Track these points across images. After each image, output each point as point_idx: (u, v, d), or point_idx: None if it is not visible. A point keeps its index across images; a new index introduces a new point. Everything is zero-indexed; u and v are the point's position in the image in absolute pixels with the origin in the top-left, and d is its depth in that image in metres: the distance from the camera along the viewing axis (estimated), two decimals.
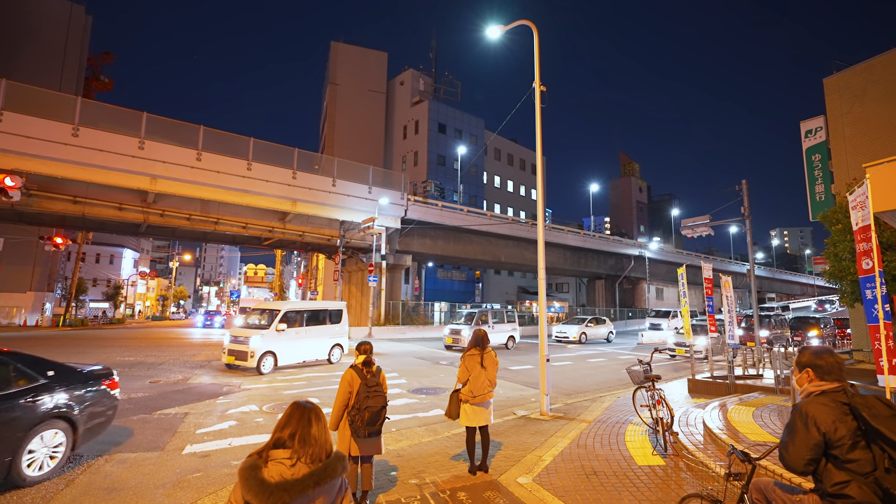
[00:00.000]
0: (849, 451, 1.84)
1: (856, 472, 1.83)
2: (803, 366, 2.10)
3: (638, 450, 5.28)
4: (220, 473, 4.66)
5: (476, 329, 4.78)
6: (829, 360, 2.04)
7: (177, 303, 75.39)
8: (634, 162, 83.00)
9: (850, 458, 1.84)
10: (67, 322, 32.61)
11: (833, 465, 1.89)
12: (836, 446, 1.87)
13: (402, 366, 13.05)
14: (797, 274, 69.99)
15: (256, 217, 22.83)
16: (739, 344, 10.36)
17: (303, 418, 1.65)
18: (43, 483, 4.28)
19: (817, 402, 1.96)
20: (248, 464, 1.53)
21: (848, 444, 1.85)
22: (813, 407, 1.94)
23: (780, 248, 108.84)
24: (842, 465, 1.86)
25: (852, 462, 1.84)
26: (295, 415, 1.67)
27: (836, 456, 1.87)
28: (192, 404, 7.75)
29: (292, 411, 1.69)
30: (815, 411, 1.92)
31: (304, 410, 1.68)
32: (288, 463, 1.55)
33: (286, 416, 1.68)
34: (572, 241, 35.69)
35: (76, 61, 36.51)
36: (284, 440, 1.60)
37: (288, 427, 1.63)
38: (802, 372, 2.10)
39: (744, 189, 12.00)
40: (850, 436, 1.85)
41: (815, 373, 2.05)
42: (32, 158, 16.79)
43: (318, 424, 1.66)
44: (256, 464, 1.53)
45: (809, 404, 1.97)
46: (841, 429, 1.86)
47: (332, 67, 46.00)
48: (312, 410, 1.70)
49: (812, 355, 2.09)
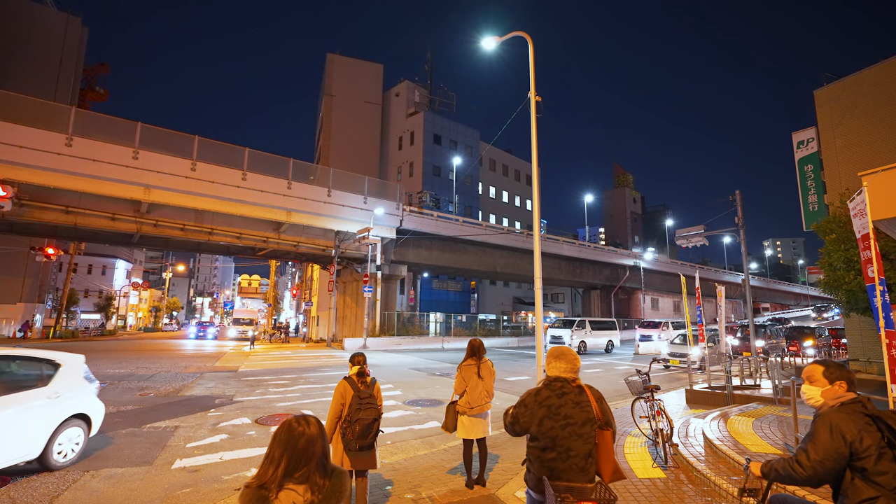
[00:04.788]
0: (876, 463, 1.81)
1: (885, 487, 1.78)
2: (837, 378, 2.06)
3: (638, 462, 5.19)
4: (210, 489, 4.52)
5: (472, 339, 4.73)
6: (853, 375, 2.08)
7: (170, 314, 74.58)
8: (628, 173, 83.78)
9: (878, 471, 1.80)
10: (58, 334, 32.12)
11: (860, 479, 1.84)
12: (861, 457, 1.83)
13: (397, 377, 12.90)
14: (791, 284, 70.50)
15: (251, 227, 22.72)
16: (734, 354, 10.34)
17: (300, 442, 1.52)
18: (24, 499, 4.14)
19: (841, 413, 1.93)
20: (255, 496, 1.41)
21: (874, 454, 1.81)
22: (837, 416, 1.91)
23: (774, 259, 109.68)
24: (870, 479, 1.82)
25: (881, 475, 1.80)
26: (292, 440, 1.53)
27: (863, 468, 1.83)
28: (183, 417, 7.59)
29: (287, 436, 1.54)
30: (839, 420, 1.89)
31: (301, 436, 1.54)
32: (301, 489, 1.45)
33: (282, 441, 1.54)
34: (567, 252, 35.77)
35: (72, 72, 36.51)
36: (293, 470, 1.47)
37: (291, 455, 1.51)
38: (835, 384, 2.06)
39: (737, 199, 12.07)
40: (876, 447, 1.82)
41: (849, 385, 2.04)
42: (24, 168, 16.66)
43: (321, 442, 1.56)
44: (264, 495, 1.42)
45: (833, 414, 1.93)
46: (866, 439, 1.83)
47: (327, 79, 46.29)
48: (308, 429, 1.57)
49: (839, 369, 2.08)
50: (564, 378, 2.53)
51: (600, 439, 2.45)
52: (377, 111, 47.37)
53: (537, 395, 2.50)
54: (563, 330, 22.56)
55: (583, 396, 2.47)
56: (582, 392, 2.49)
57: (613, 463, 2.46)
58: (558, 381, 2.52)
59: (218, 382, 11.51)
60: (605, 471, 2.44)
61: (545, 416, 2.42)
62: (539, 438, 2.45)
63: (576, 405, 2.43)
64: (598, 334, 23.57)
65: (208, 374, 12.99)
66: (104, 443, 5.99)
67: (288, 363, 16.72)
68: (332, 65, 46.19)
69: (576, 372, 2.56)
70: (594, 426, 2.43)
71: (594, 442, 2.42)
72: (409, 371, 14.44)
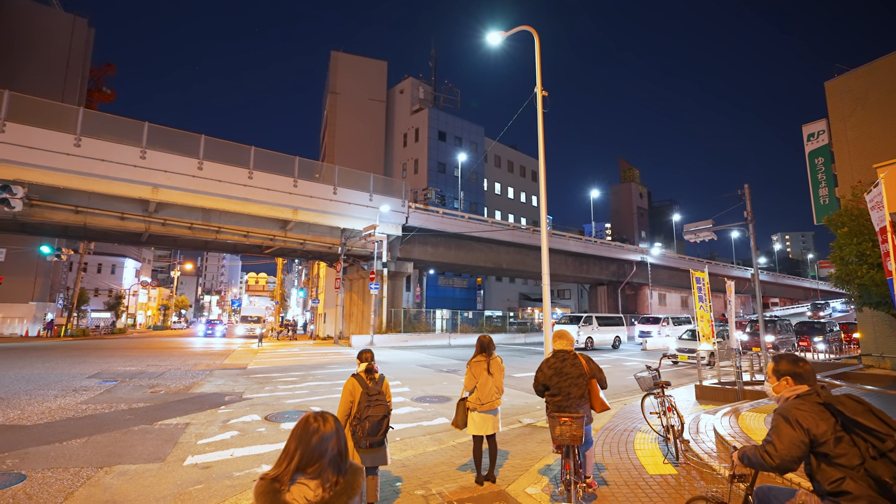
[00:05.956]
0: (835, 446, 1.95)
1: (847, 467, 1.92)
2: (782, 374, 2.24)
3: (648, 458, 5.17)
4: (221, 485, 4.56)
5: (481, 335, 4.73)
6: (806, 368, 2.21)
7: (178, 312, 75.23)
8: (634, 168, 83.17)
9: (838, 454, 1.94)
10: (69, 332, 32.51)
11: (826, 463, 1.98)
12: (821, 443, 1.97)
13: (404, 374, 12.93)
14: (800, 278, 69.79)
15: (257, 226, 22.83)
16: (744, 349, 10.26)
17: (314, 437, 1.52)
18: (41, 496, 4.19)
19: (797, 404, 2.09)
20: (268, 488, 1.43)
21: (832, 438, 1.96)
22: (794, 409, 2.06)
23: (783, 253, 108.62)
24: (833, 462, 1.95)
25: (842, 457, 1.93)
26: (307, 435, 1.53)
27: (825, 453, 1.97)
28: (194, 414, 7.66)
29: (302, 431, 1.54)
30: (796, 413, 2.04)
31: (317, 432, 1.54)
32: (313, 485, 1.46)
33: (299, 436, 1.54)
34: (574, 248, 35.62)
35: (79, 73, 36.77)
36: (306, 465, 1.48)
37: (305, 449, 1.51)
38: (781, 380, 2.24)
39: (746, 194, 11.94)
40: (832, 431, 1.97)
41: (794, 380, 2.20)
42: (34, 169, 16.84)
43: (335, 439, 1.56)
44: (276, 488, 1.44)
45: (790, 407, 2.09)
46: (822, 425, 1.98)
47: (332, 77, 46.29)
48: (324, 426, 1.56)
49: (791, 364, 2.24)
50: (565, 350, 4.04)
51: (591, 386, 3.94)
52: (381, 108, 47.33)
53: (547, 361, 4.06)
54: (569, 326, 22.45)
55: (577, 360, 3.96)
56: (576, 357, 3.99)
57: (600, 400, 3.98)
58: (561, 352, 4.03)
59: (227, 380, 11.60)
60: (595, 405, 3.99)
61: (553, 374, 3.93)
62: (551, 388, 3.94)
63: (573, 366, 3.92)
64: (605, 330, 23.47)
65: (218, 372, 13.09)
66: (118, 439, 6.06)
67: (296, 360, 16.82)
68: (337, 63, 46.17)
69: (572, 345, 4.11)
70: (586, 378, 3.91)
71: (587, 388, 3.91)
72: (417, 367, 14.47)
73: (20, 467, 4.94)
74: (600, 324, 23.46)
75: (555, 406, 3.84)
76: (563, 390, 3.83)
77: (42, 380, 10.93)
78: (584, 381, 3.86)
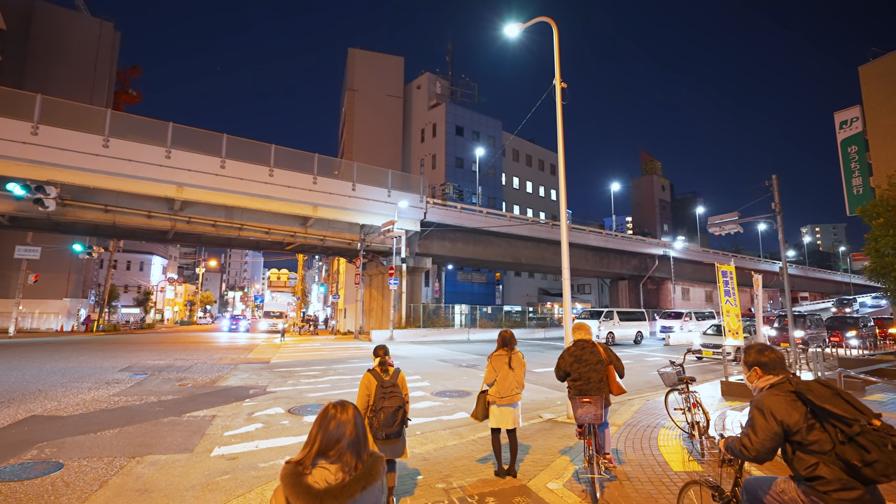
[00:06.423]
0: (808, 433, 2.00)
1: (819, 453, 1.97)
2: (750, 365, 2.31)
3: (673, 455, 5.08)
4: (247, 476, 4.67)
5: (503, 330, 4.75)
6: (772, 356, 2.26)
7: (203, 308, 77.25)
8: (656, 160, 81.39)
9: (811, 440, 1.99)
10: (101, 327, 33.73)
11: (800, 451, 2.04)
12: (794, 431, 2.03)
13: (424, 368, 13.00)
14: (831, 272, 67.33)
15: (278, 222, 23.19)
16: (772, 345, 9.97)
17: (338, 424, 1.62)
18: (77, 483, 4.37)
19: (769, 395, 2.13)
20: (292, 470, 1.52)
21: (804, 426, 2.01)
22: (768, 400, 2.11)
23: (813, 246, 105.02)
24: (807, 449, 2.01)
25: (814, 443, 1.98)
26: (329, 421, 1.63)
27: (799, 441, 2.03)
28: (220, 406, 7.85)
29: (324, 417, 1.65)
30: (770, 403, 2.09)
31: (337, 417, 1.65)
32: (333, 468, 1.54)
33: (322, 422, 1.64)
34: (594, 242, 35.15)
35: (106, 76, 37.86)
36: (326, 449, 1.58)
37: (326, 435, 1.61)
38: (751, 370, 2.31)
39: (774, 184, 11.57)
40: (804, 419, 2.02)
41: (762, 370, 2.26)
42: (66, 170, 17.43)
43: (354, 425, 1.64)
44: (300, 471, 1.53)
45: (764, 399, 2.13)
46: (794, 414, 2.03)
47: (349, 74, 46.53)
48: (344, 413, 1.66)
49: (757, 354, 2.29)
50: (584, 339, 4.41)
51: (609, 371, 4.27)
52: (399, 104, 47.40)
53: (568, 350, 4.42)
54: (590, 321, 22.15)
55: (595, 348, 4.31)
56: (595, 345, 4.35)
57: (617, 384, 4.30)
58: (580, 341, 4.41)
59: (251, 373, 11.85)
60: (613, 388, 4.29)
61: (574, 360, 4.29)
62: (572, 374, 4.29)
63: (592, 353, 4.26)
64: (626, 325, 23.14)
65: (242, 366, 13.39)
66: (149, 430, 6.26)
67: (317, 355, 17.08)
68: (354, 59, 46.38)
69: (590, 335, 4.49)
70: (604, 364, 4.25)
71: (605, 373, 4.24)
72: (436, 362, 14.53)
73: (58, 456, 5.16)
74: (622, 319, 23.13)
75: (576, 390, 4.22)
76: (584, 375, 4.19)
77: (77, 372, 11.38)
78: (603, 366, 4.24)
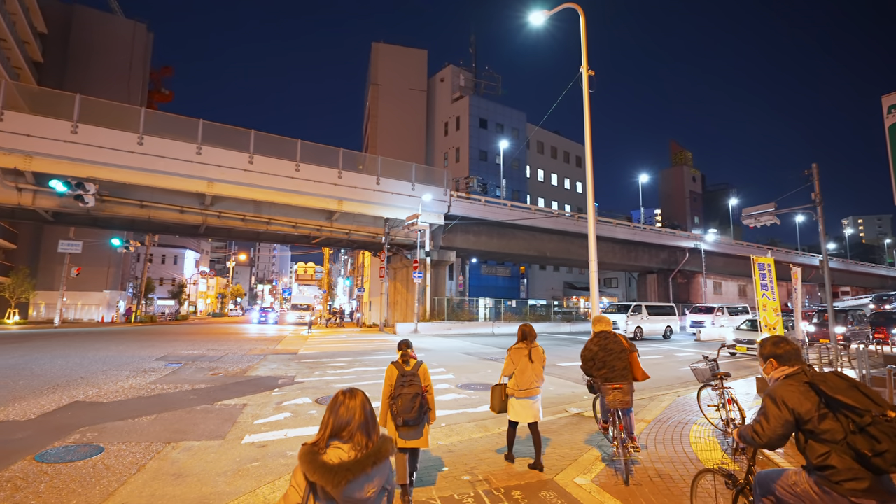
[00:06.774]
0: (820, 423, 2.04)
1: (831, 442, 2.01)
2: (766, 357, 2.39)
3: (706, 452, 4.92)
4: (276, 463, 4.77)
5: (523, 324, 4.72)
6: (787, 348, 2.33)
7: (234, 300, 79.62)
8: (686, 150, 78.98)
9: (822, 429, 2.03)
10: (138, 318, 35.20)
11: (812, 439, 2.08)
12: (806, 420, 2.07)
13: (448, 361, 13.02)
14: (876, 266, 64.03)
15: (305, 217, 23.58)
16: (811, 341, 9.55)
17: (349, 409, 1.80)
18: (117, 467, 4.55)
19: (784, 385, 2.18)
20: (308, 450, 1.68)
21: (816, 416, 2.05)
22: (781, 390, 2.17)
23: (855, 238, 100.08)
24: (819, 438, 2.04)
25: (826, 432, 2.02)
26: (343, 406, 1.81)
27: (811, 430, 2.06)
28: (250, 396, 8.06)
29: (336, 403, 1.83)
30: (783, 393, 2.15)
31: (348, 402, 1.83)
32: (346, 447, 1.71)
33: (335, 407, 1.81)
34: (621, 235, 34.39)
35: (140, 76, 39.19)
36: (338, 431, 1.75)
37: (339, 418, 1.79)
38: (767, 362, 2.38)
39: (814, 173, 11.05)
40: (816, 409, 2.06)
41: (777, 361, 2.33)
42: (103, 167, 18.14)
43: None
44: (315, 450, 1.69)
45: (777, 388, 2.19)
46: (806, 404, 2.07)
47: (373, 68, 46.72)
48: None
49: (772, 346, 2.37)
50: (605, 330, 4.65)
51: (631, 358, 4.47)
52: (422, 97, 47.36)
53: (592, 341, 4.64)
54: (617, 315, 21.73)
55: (617, 338, 4.56)
56: (616, 336, 4.60)
57: (641, 370, 4.47)
58: (602, 332, 4.64)
59: (280, 364, 12.13)
60: (637, 375, 4.46)
61: (598, 350, 4.51)
62: (597, 363, 4.49)
63: (615, 343, 4.51)
64: (655, 320, 22.61)
65: (271, 357, 13.71)
66: (184, 417, 6.48)
67: (344, 347, 17.35)
68: (378, 54, 46.52)
69: (610, 326, 4.72)
70: (626, 353, 4.47)
71: (628, 360, 4.45)
72: (461, 355, 14.54)
73: (99, 440, 5.40)
74: (650, 313, 22.60)
75: (602, 378, 4.44)
76: (609, 364, 4.40)
77: (116, 361, 11.89)
78: (626, 355, 4.45)
